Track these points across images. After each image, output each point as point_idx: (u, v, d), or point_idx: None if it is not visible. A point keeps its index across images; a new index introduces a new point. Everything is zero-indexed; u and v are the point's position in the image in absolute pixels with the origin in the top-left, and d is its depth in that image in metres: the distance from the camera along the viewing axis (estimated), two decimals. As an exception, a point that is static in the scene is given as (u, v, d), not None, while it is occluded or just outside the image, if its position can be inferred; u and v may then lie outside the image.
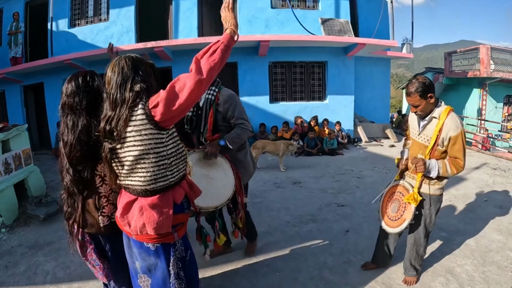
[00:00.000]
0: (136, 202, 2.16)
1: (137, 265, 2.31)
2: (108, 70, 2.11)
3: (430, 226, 3.41)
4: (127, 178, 2.13)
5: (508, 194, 6.77)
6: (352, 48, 11.99)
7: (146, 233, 2.15)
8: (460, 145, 3.02)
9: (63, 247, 4.45)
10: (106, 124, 2.03)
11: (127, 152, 2.05)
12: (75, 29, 12.08)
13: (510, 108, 17.89)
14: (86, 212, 2.41)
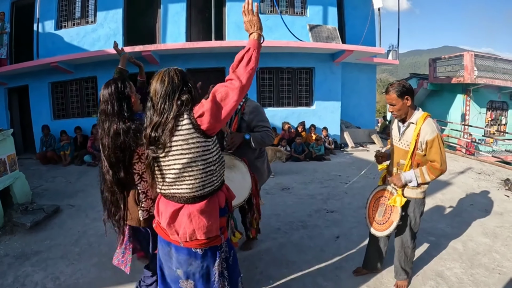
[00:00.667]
0: (183, 209, 2.22)
1: (178, 273, 2.37)
2: (154, 81, 2.20)
3: (415, 227, 3.50)
4: (171, 187, 2.20)
5: (492, 197, 6.90)
6: (339, 55, 12.07)
7: (196, 239, 2.23)
8: (437, 148, 3.12)
9: (52, 256, 4.39)
10: (152, 131, 2.13)
11: (173, 160, 2.13)
12: (61, 31, 11.88)
13: (493, 113, 18.19)
14: (129, 206, 2.69)
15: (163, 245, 2.41)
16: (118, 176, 2.59)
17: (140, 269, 3.93)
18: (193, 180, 2.16)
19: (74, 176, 8.70)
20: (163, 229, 2.35)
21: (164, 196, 2.29)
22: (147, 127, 2.18)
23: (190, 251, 2.29)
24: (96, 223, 5.48)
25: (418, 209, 3.43)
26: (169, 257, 2.39)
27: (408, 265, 3.63)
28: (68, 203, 6.43)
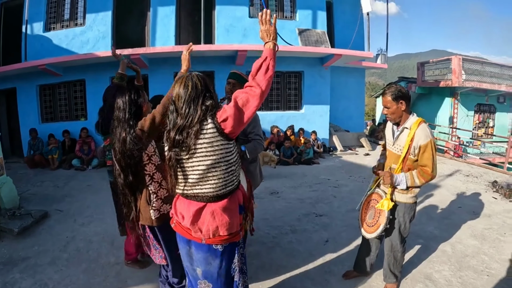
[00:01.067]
0: (206, 208, 2.34)
1: (198, 272, 2.49)
2: (177, 86, 2.30)
3: (405, 232, 3.53)
4: (194, 187, 2.31)
5: (481, 200, 7.00)
6: (328, 59, 12.14)
7: (219, 235, 2.35)
8: (430, 153, 3.16)
9: (40, 262, 4.34)
10: (177, 134, 2.23)
11: (197, 162, 2.25)
12: (50, 33, 11.78)
13: (481, 116, 18.40)
14: (140, 207, 2.85)
15: (183, 244, 2.51)
16: (128, 180, 2.74)
17: (130, 275, 3.94)
18: (216, 180, 2.28)
19: (62, 181, 8.63)
20: (184, 228, 2.44)
21: (186, 196, 2.38)
22: (170, 130, 2.28)
23: (211, 248, 2.40)
24: (84, 228, 5.46)
25: (408, 214, 3.45)
26: (189, 256, 2.50)
27: (397, 269, 3.66)
28: (56, 208, 6.37)
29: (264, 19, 2.41)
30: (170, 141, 2.27)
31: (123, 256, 4.41)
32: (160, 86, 11.61)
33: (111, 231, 5.26)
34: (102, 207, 6.46)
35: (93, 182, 8.43)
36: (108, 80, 11.76)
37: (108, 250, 4.67)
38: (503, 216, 6.12)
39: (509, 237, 5.20)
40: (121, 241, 4.90)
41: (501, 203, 6.90)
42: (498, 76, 17.35)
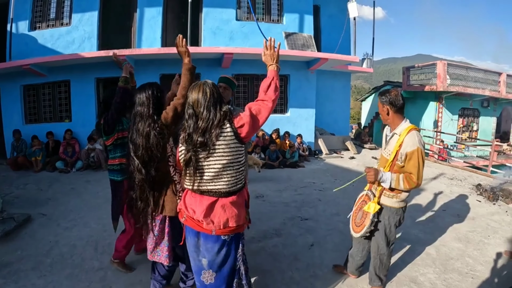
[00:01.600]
0: (218, 202, 2.62)
1: (203, 262, 2.73)
2: (194, 93, 2.57)
3: (390, 236, 3.59)
4: (209, 184, 2.59)
5: (465, 203, 7.10)
6: (314, 63, 12.19)
7: (228, 226, 2.63)
8: (416, 161, 3.23)
9: (23, 268, 4.27)
10: (199, 136, 2.50)
11: (214, 161, 2.55)
12: (35, 32, 11.60)
13: (465, 120, 18.64)
14: (166, 198, 3.07)
15: (192, 236, 2.73)
16: (150, 174, 2.93)
17: (115, 280, 3.91)
18: (229, 178, 2.60)
19: (45, 183, 8.52)
20: (194, 221, 2.67)
21: (200, 192, 2.63)
22: (192, 132, 2.53)
23: (219, 238, 2.66)
24: (68, 232, 5.39)
25: (393, 218, 3.51)
26: (197, 248, 2.73)
27: (382, 272, 3.71)
28: (39, 212, 6.28)
29: (269, 45, 2.84)
30: (193, 142, 2.52)
31: (107, 261, 4.39)
32: (146, 87, 11.55)
33: (95, 236, 5.23)
34: (86, 210, 6.42)
35: (77, 185, 8.33)
36: (93, 81, 11.70)
37: (92, 255, 4.62)
38: (487, 218, 6.22)
39: (493, 239, 5.29)
40: (105, 245, 4.89)
41: (485, 206, 7.01)
42: (482, 81, 17.62)
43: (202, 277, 2.76)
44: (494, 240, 5.25)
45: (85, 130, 11.20)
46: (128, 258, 4.33)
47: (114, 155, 3.97)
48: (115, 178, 4.03)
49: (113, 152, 3.97)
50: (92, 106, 11.80)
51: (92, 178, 9.03)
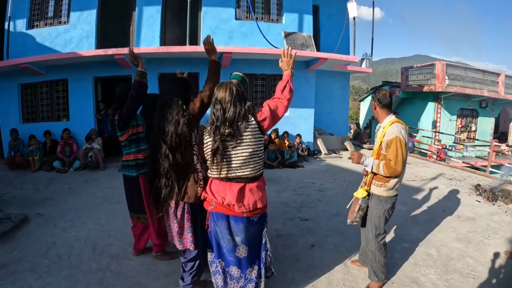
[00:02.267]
0: (246, 187, 3.03)
1: (237, 240, 3.15)
2: (221, 91, 2.96)
3: (378, 226, 3.78)
4: (237, 171, 2.99)
5: (464, 203, 7.10)
6: (313, 62, 12.15)
7: (256, 208, 3.05)
8: (394, 149, 3.52)
9: (20, 269, 4.22)
10: (227, 128, 2.89)
11: (241, 150, 2.95)
12: (33, 31, 11.53)
13: (463, 121, 18.67)
14: (188, 186, 3.27)
15: (222, 221, 3.11)
16: (177, 160, 3.16)
17: (113, 281, 3.87)
18: (254, 165, 3.01)
19: (43, 183, 8.46)
20: (224, 207, 3.03)
21: (228, 179, 3.01)
22: (220, 124, 2.91)
23: (249, 219, 3.09)
24: (65, 233, 5.34)
25: (382, 207, 3.72)
26: (228, 229, 3.12)
27: (377, 268, 3.83)
28: (36, 212, 6.23)
29: (287, 53, 3.34)
30: (221, 133, 2.90)
31: (105, 262, 4.37)
32: (144, 87, 11.49)
33: (93, 236, 5.19)
34: (83, 211, 6.37)
35: (74, 185, 8.28)
36: (91, 80, 11.64)
37: (90, 256, 4.57)
38: (487, 219, 6.21)
39: (493, 239, 5.28)
40: (103, 246, 4.85)
41: (485, 206, 6.99)
42: (481, 81, 17.67)
43: (236, 253, 3.19)
44: (495, 241, 5.24)
45: (83, 129, 11.18)
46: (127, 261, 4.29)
47: (129, 151, 4.05)
48: (130, 173, 4.09)
49: (127, 148, 4.05)
50: (90, 105, 11.76)
51: (90, 178, 8.99)
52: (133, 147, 4.04)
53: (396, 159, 3.49)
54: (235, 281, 3.27)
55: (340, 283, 3.98)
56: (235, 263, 3.23)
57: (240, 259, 3.22)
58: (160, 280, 4.00)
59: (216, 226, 3.16)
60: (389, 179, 3.66)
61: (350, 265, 4.40)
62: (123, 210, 6.34)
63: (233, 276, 3.27)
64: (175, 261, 4.40)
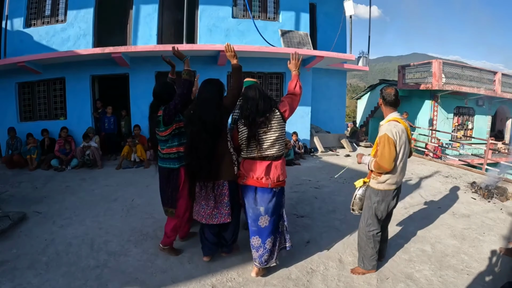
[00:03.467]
0: (272, 164, 3.84)
1: (261, 210, 3.87)
2: (251, 91, 3.84)
3: (368, 216, 4.06)
4: (266, 151, 3.80)
5: (460, 200, 7.13)
6: (310, 61, 12.14)
7: (279, 180, 3.86)
8: (382, 146, 3.73)
9: (18, 266, 4.25)
10: (259, 118, 3.73)
11: (270, 135, 3.78)
12: (30, 29, 11.50)
13: (460, 119, 18.71)
14: (224, 167, 3.94)
15: (251, 192, 3.90)
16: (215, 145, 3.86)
17: (111, 278, 3.89)
18: (279, 146, 3.85)
19: (40, 181, 8.47)
20: (254, 180, 3.83)
21: (261, 157, 3.81)
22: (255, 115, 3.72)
23: (272, 190, 3.85)
24: (63, 230, 5.37)
25: (372, 199, 4.02)
26: (255, 200, 3.89)
27: (364, 256, 4.13)
28: (34, 210, 6.25)
29: (295, 57, 4.17)
30: (256, 122, 3.72)
31: (103, 258, 4.42)
32: (141, 85, 11.53)
33: (91, 234, 5.22)
34: (81, 208, 6.40)
35: (72, 183, 8.29)
36: (88, 79, 11.62)
37: (87, 253, 4.61)
38: (482, 216, 6.24)
39: (488, 236, 5.32)
40: (100, 243, 4.89)
41: (480, 203, 7.03)
42: (478, 80, 17.69)
43: (259, 222, 3.88)
44: (489, 237, 5.28)
45: (80, 127, 11.17)
46: (124, 258, 4.31)
47: (172, 144, 4.26)
48: (172, 166, 4.29)
49: (170, 142, 4.25)
50: (87, 104, 11.75)
51: (87, 176, 9.00)
52: (176, 140, 4.26)
53: (382, 156, 3.67)
54: (255, 250, 3.95)
55: (335, 279, 4.02)
56: (257, 232, 3.92)
57: (261, 229, 3.90)
58: (157, 276, 4.05)
59: (245, 197, 3.96)
60: (379, 172, 3.88)
61: (345, 261, 4.44)
62: (120, 208, 6.40)
63: (253, 246, 3.96)
64: (173, 258, 4.48)
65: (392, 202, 4.02)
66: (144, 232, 5.31)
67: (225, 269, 4.21)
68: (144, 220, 5.82)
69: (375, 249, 4.05)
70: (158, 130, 4.20)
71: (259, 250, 3.91)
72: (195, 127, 3.79)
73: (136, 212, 6.25)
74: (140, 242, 4.96)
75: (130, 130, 11.68)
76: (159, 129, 4.19)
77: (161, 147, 4.33)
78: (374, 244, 4.02)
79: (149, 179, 8.25)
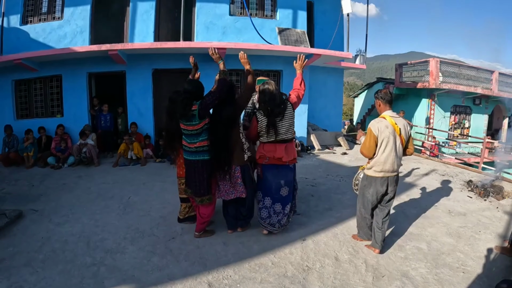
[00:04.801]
0: (287, 145, 4.81)
1: (281, 182, 4.81)
2: (269, 86, 4.67)
3: (359, 195, 4.81)
4: (283, 135, 4.72)
5: (456, 199, 7.15)
6: (307, 58, 11.92)
7: (294, 157, 4.91)
8: (366, 136, 4.50)
9: (15, 264, 4.25)
10: (276, 109, 4.61)
11: (285, 122, 4.72)
12: (27, 26, 11.44)
13: (457, 117, 18.77)
14: (237, 154, 4.75)
15: (273, 170, 4.81)
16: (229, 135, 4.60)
17: (107, 275, 3.89)
18: (292, 131, 4.81)
19: (37, 179, 8.45)
20: (276, 159, 4.74)
21: (278, 141, 4.73)
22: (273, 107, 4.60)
23: (288, 166, 4.85)
24: (60, 228, 5.37)
25: (364, 181, 4.70)
26: (277, 175, 4.80)
27: (359, 226, 4.99)
28: (31, 208, 6.24)
29: (301, 59, 5.03)
30: (274, 112, 4.61)
31: (99, 256, 4.43)
32: (138, 82, 11.51)
33: (87, 231, 5.22)
34: (77, 206, 6.40)
35: (68, 181, 8.28)
36: (85, 76, 11.57)
37: (84, 251, 4.61)
38: (478, 214, 6.26)
39: (483, 235, 5.33)
40: (97, 241, 4.89)
41: (476, 202, 7.04)
42: (475, 78, 17.77)
43: (281, 192, 4.84)
44: (485, 236, 5.29)
45: (77, 125, 11.12)
46: (120, 255, 4.31)
47: (204, 138, 4.60)
48: (205, 157, 4.64)
49: (204, 135, 4.59)
50: (84, 101, 11.69)
51: (84, 174, 8.98)
52: (206, 134, 4.59)
53: (363, 144, 4.50)
54: (276, 215, 4.89)
55: (331, 277, 4.03)
56: (280, 199, 4.86)
57: (283, 197, 4.87)
58: (154, 273, 4.05)
59: (268, 174, 4.81)
60: (369, 160, 4.54)
61: (341, 259, 4.45)
62: (117, 205, 6.40)
63: (275, 211, 4.89)
64: (169, 255, 4.48)
65: (381, 189, 4.44)
66: (141, 230, 5.31)
67: (221, 267, 4.20)
68: (140, 218, 5.83)
69: (368, 225, 4.81)
70: (190, 124, 4.47)
71: (279, 215, 4.91)
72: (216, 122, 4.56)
73: (132, 209, 6.25)
74: (136, 240, 4.96)
75: (126, 128, 11.61)
76: (191, 123, 4.47)
77: (191, 141, 4.59)
78: (361, 220, 4.87)
79: (146, 177, 8.25)
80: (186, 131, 4.54)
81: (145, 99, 11.72)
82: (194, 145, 4.56)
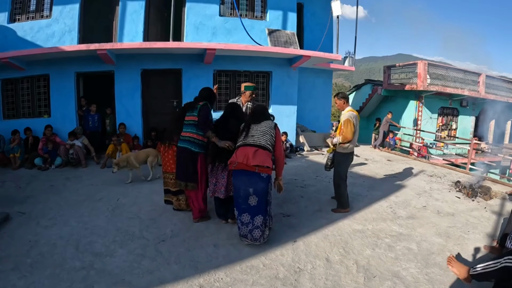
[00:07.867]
0: (258, 150, 4.65)
1: (250, 190, 4.56)
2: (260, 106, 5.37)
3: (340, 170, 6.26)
4: (257, 140, 4.74)
5: (444, 199, 7.23)
6: (297, 60, 12.14)
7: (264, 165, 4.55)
8: (345, 125, 5.95)
9: (3, 269, 4.14)
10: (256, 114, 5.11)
11: (261, 128, 4.86)
12: (14, 25, 11.25)
13: (444, 119, 18.95)
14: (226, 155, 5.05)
15: (242, 175, 4.61)
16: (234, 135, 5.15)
17: (97, 279, 3.84)
18: (266, 138, 4.80)
19: (24, 181, 8.34)
20: (244, 164, 4.55)
21: (250, 144, 4.71)
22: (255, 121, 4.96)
23: (259, 175, 4.56)
24: (48, 231, 5.28)
25: (342, 157, 6.21)
26: (244, 181, 4.58)
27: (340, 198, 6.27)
28: (18, 210, 6.14)
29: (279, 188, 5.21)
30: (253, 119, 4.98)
31: (89, 260, 4.36)
32: (127, 82, 11.46)
33: (76, 234, 5.14)
34: (65, 208, 6.31)
35: (56, 182, 8.17)
36: (73, 76, 11.46)
37: (73, 254, 4.53)
38: (466, 214, 6.33)
39: (472, 234, 5.39)
40: (86, 244, 4.82)
41: (464, 202, 7.12)
42: (462, 81, 17.95)
43: (249, 201, 4.58)
44: (474, 235, 5.35)
45: (65, 125, 11.03)
46: (110, 259, 4.26)
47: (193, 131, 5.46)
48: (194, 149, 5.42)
49: (194, 128, 5.46)
50: (71, 101, 11.58)
51: (72, 175, 8.89)
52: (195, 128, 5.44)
53: (346, 130, 5.90)
54: (245, 226, 4.64)
55: (323, 278, 4.02)
56: (247, 209, 4.60)
57: (251, 207, 4.58)
58: (145, 277, 4.00)
59: (236, 181, 4.66)
60: (346, 143, 6.05)
61: (332, 260, 4.45)
62: (105, 208, 6.33)
63: (243, 222, 4.64)
64: (160, 258, 4.44)
65: (351, 159, 6.31)
66: (130, 232, 5.24)
67: (213, 269, 4.17)
68: (129, 220, 5.76)
69: (346, 192, 6.25)
70: (191, 114, 5.47)
71: (248, 226, 4.62)
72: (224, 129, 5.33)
73: (121, 211, 6.18)
74: (125, 243, 4.90)
75: (115, 129, 11.54)
76: (192, 114, 5.46)
77: (185, 130, 5.47)
78: (345, 188, 6.23)
79: (135, 178, 8.19)
80: (186, 121, 5.48)
81: (134, 100, 11.67)
82: (186, 134, 5.43)
